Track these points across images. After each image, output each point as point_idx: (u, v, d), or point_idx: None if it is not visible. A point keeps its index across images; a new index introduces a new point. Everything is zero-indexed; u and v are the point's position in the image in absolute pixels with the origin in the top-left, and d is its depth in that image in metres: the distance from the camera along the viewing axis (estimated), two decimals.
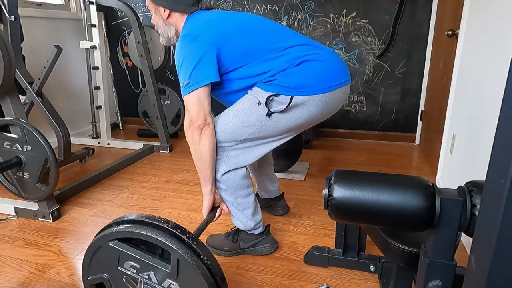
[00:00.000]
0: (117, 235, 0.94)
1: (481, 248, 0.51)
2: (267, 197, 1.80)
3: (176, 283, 0.92)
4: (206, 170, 1.29)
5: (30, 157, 1.69)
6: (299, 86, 1.22)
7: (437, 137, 2.28)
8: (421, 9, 2.73)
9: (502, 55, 1.32)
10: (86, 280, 1.03)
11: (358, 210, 0.84)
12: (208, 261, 0.90)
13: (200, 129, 1.23)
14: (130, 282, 0.97)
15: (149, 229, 0.90)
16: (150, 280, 0.94)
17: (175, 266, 0.89)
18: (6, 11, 1.99)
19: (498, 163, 0.46)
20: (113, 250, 0.95)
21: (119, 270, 0.97)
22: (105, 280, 1.01)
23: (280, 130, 1.29)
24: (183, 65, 1.22)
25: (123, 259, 0.95)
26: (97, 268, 1.01)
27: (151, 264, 0.92)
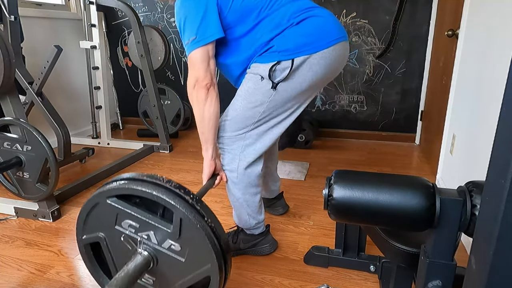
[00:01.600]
0: (116, 192, 0.88)
1: (481, 248, 0.51)
2: (268, 196, 1.80)
3: (178, 244, 0.86)
4: (209, 132, 1.25)
5: (30, 157, 1.69)
6: (298, 46, 1.18)
7: (437, 137, 2.28)
8: (421, 9, 2.73)
9: (502, 55, 1.32)
10: (80, 240, 0.97)
11: (358, 210, 0.84)
12: (213, 223, 0.84)
13: (207, 88, 1.18)
14: (128, 241, 0.91)
15: (151, 186, 0.84)
16: (149, 240, 0.88)
17: (177, 226, 0.83)
18: (6, 11, 1.99)
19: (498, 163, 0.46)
20: (111, 207, 0.89)
21: (117, 230, 0.91)
22: (101, 239, 0.95)
23: (288, 100, 1.26)
24: (187, 21, 1.16)
25: (121, 218, 0.90)
26: (93, 226, 0.94)
27: (152, 224, 0.86)
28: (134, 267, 0.86)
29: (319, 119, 3.20)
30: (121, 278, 0.83)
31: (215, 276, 0.86)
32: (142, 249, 0.90)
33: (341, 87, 3.08)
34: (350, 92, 3.07)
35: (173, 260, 0.88)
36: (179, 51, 3.37)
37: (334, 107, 3.15)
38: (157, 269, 0.92)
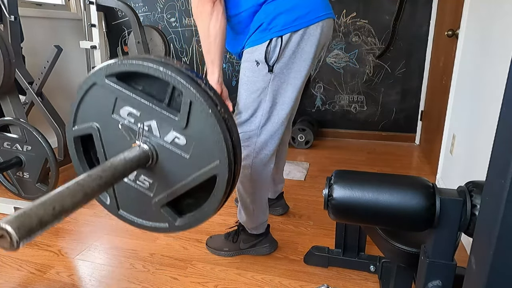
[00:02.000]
0: (116, 68, 0.75)
1: (481, 248, 0.51)
2: (270, 196, 1.80)
3: (183, 136, 0.74)
4: (215, 51, 1.18)
5: (30, 157, 1.70)
6: (286, 23, 1.17)
7: (437, 137, 2.28)
8: (421, 9, 2.73)
9: (502, 55, 1.32)
10: (71, 131, 0.84)
11: (358, 210, 0.84)
12: (226, 114, 0.73)
13: (213, 2, 1.13)
14: (127, 131, 0.78)
15: (160, 64, 0.72)
16: (150, 132, 0.76)
17: (186, 111, 0.72)
18: (6, 11, 1.99)
19: (498, 163, 0.46)
20: (109, 90, 0.77)
21: (114, 119, 0.79)
22: (94, 131, 0.82)
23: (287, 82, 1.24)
24: None
25: (120, 104, 0.77)
26: (86, 115, 0.82)
27: (155, 111, 0.74)
28: (131, 156, 0.73)
29: (319, 119, 3.20)
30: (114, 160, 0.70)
31: (223, 175, 0.75)
32: (141, 141, 0.77)
33: (341, 87, 3.08)
34: (350, 92, 3.07)
35: (176, 157, 0.76)
36: (179, 51, 3.37)
37: (334, 107, 3.15)
38: (155, 168, 0.79)
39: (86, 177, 0.62)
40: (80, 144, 0.86)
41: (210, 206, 0.79)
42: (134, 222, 0.88)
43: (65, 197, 0.57)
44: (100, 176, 0.64)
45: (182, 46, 3.34)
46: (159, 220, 0.85)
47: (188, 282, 1.36)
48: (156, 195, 0.82)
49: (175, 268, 1.44)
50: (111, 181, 0.67)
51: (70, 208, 0.57)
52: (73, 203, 0.58)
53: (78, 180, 0.61)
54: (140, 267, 1.46)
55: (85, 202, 0.61)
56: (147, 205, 0.84)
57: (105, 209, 0.93)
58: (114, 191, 0.88)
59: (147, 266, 1.46)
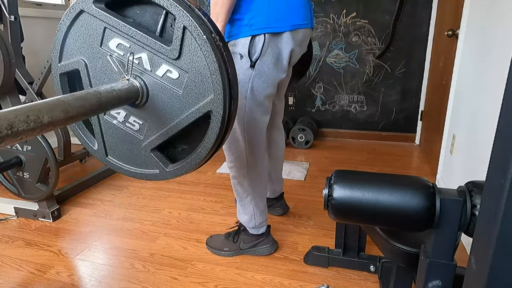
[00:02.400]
0: None
1: (481, 248, 0.51)
2: (269, 196, 1.80)
3: (175, 69, 0.69)
4: (221, 5, 1.12)
5: (30, 157, 1.69)
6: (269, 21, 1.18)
7: (437, 137, 2.28)
8: (421, 9, 2.73)
9: (502, 55, 1.32)
10: (57, 67, 0.79)
11: (358, 210, 0.84)
12: (221, 42, 0.68)
13: None
14: (116, 65, 0.73)
15: None
16: (141, 66, 0.71)
17: (178, 39, 0.66)
18: (6, 11, 1.99)
19: (498, 163, 0.46)
20: (98, 18, 0.71)
21: (102, 51, 0.73)
22: (81, 66, 0.76)
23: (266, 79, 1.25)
24: None
25: (109, 35, 0.72)
26: (72, 48, 0.76)
27: (147, 42, 0.69)
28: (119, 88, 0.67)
29: (319, 119, 3.20)
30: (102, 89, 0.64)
31: (217, 111, 0.69)
32: (130, 76, 0.72)
33: (341, 87, 3.08)
34: (350, 92, 3.07)
35: (168, 92, 0.71)
36: None
37: (334, 107, 3.15)
38: (146, 107, 0.74)
39: (69, 96, 0.58)
40: (67, 82, 0.80)
41: (204, 147, 0.74)
42: (123, 168, 0.84)
43: (42, 108, 0.53)
44: (82, 98, 0.59)
45: None
46: (149, 166, 0.81)
47: (188, 282, 1.36)
48: (146, 138, 0.78)
49: (175, 268, 1.44)
50: (96, 107, 0.61)
51: (46, 123, 0.53)
52: (50, 116, 0.54)
53: (59, 97, 0.57)
54: (140, 267, 1.46)
55: (63, 121, 0.56)
56: (137, 150, 0.80)
57: (92, 155, 0.86)
58: (102, 135, 0.82)
59: (147, 266, 1.46)
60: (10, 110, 0.49)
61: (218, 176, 2.36)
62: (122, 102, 0.68)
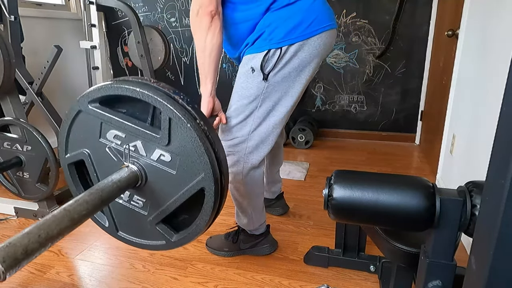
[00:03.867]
0: (97, 94, 0.78)
1: (481, 248, 0.51)
2: (268, 196, 1.80)
3: (167, 153, 0.77)
4: (209, 65, 1.19)
5: (30, 157, 1.69)
6: (287, 34, 1.16)
7: (437, 137, 2.28)
8: (421, 9, 2.73)
9: (502, 55, 1.32)
10: (64, 159, 0.89)
11: (358, 210, 0.84)
12: (205, 126, 0.76)
13: (211, 16, 1.13)
14: (115, 154, 0.82)
15: (137, 85, 0.75)
16: (137, 153, 0.80)
17: (166, 129, 0.75)
18: (6, 11, 1.99)
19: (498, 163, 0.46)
20: (94, 116, 0.80)
21: (101, 143, 0.83)
22: (85, 156, 0.86)
23: (281, 92, 1.24)
24: None
25: (106, 128, 0.81)
26: (76, 142, 0.86)
27: (139, 131, 0.77)
28: (119, 178, 0.76)
29: (319, 119, 3.20)
30: (103, 184, 0.73)
31: (210, 188, 0.77)
32: (129, 162, 0.80)
33: (341, 87, 3.08)
34: (350, 92, 3.07)
35: (164, 174, 0.79)
36: (179, 51, 3.37)
37: (334, 107, 3.15)
38: (146, 188, 0.83)
39: (73, 203, 0.65)
40: (75, 170, 0.90)
41: (202, 219, 0.81)
42: (133, 242, 0.92)
43: (51, 224, 0.59)
44: (86, 201, 0.67)
45: (182, 46, 3.34)
46: (156, 238, 0.88)
47: (188, 282, 1.36)
48: (150, 214, 0.85)
49: (175, 268, 1.44)
50: (99, 204, 0.69)
51: (56, 235, 0.59)
52: (59, 229, 0.60)
53: (65, 206, 0.63)
54: (140, 267, 1.46)
55: (73, 227, 0.63)
56: (144, 224, 0.87)
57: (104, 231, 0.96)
58: (112, 213, 0.91)
59: (147, 266, 1.46)
60: (23, 235, 0.54)
61: None
62: (124, 189, 0.77)
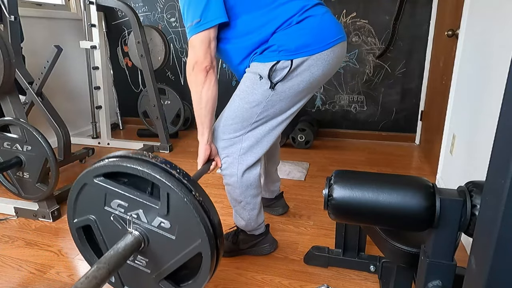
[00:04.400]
0: (102, 170, 0.87)
1: (481, 248, 0.51)
2: (268, 196, 1.80)
3: (167, 221, 0.85)
4: (205, 117, 1.24)
5: (30, 157, 1.69)
6: (298, 48, 1.18)
7: (437, 137, 2.28)
8: (421, 9, 2.73)
9: (502, 55, 1.32)
10: (72, 223, 0.97)
11: (358, 210, 0.84)
12: (201, 197, 0.84)
13: (206, 71, 1.18)
14: (119, 221, 0.91)
15: (137, 162, 0.84)
16: (139, 219, 0.88)
17: (165, 201, 0.83)
18: (6, 11, 1.99)
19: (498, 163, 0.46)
20: (99, 187, 0.89)
21: (106, 210, 0.91)
22: (92, 222, 0.95)
23: (286, 101, 1.26)
24: (192, 2, 1.16)
25: (110, 198, 0.89)
26: (83, 209, 0.95)
27: (140, 201, 0.86)
28: (124, 246, 0.85)
29: (319, 119, 3.20)
30: (110, 256, 0.82)
31: (206, 252, 0.84)
32: (132, 228, 0.89)
33: (341, 87, 3.08)
34: (350, 92, 3.07)
35: (164, 238, 0.87)
36: (179, 51, 3.37)
37: (334, 107, 3.15)
38: (149, 249, 0.91)
39: (84, 280, 0.74)
40: (83, 233, 0.98)
41: (201, 279, 0.89)
42: None
43: None
44: (95, 276, 0.76)
45: (182, 46, 3.34)
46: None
47: None
48: (153, 272, 0.93)
49: None
50: (107, 276, 0.78)
51: None
52: None
53: (76, 284, 0.73)
54: None
55: None
56: (148, 280, 0.95)
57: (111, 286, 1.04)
58: (118, 271, 0.98)
59: None
60: None
61: (219, 176, 2.35)
62: (128, 256, 0.85)
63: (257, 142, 1.30)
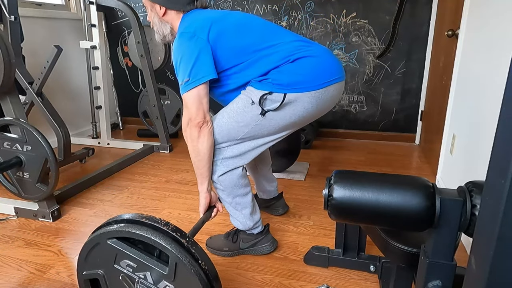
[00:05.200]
0: (116, 234, 0.94)
1: (481, 248, 0.51)
2: (266, 197, 1.80)
3: (172, 285, 0.92)
4: (203, 168, 1.30)
5: (30, 157, 1.69)
6: (292, 83, 1.22)
7: (437, 137, 2.28)
8: (421, 9, 2.73)
9: (502, 55, 1.32)
10: (81, 275, 1.03)
11: (358, 210, 0.84)
12: (206, 266, 0.91)
13: (199, 127, 1.23)
14: (126, 280, 0.97)
15: (149, 230, 0.91)
16: (146, 280, 0.95)
17: (172, 269, 0.90)
18: (6, 11, 1.99)
19: (498, 163, 0.46)
20: (110, 248, 0.95)
21: (115, 268, 0.97)
22: (100, 277, 1.01)
23: (275, 128, 1.29)
24: (181, 63, 1.22)
25: (120, 258, 0.96)
26: (92, 263, 1.01)
27: (148, 265, 0.93)
28: None
29: (319, 119, 3.19)
30: None
31: None
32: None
33: None
34: (350, 92, 3.07)
35: None
36: None
37: (334, 107, 3.15)
38: None
39: None
40: (90, 285, 1.05)
41: None
42: None
43: None
44: None
45: None
46: None
47: None
48: None
49: None
50: None
51: None
52: None
53: None
54: None
55: None
56: None
57: None
58: None
59: None
60: None
61: None
62: None
63: (240, 155, 1.34)
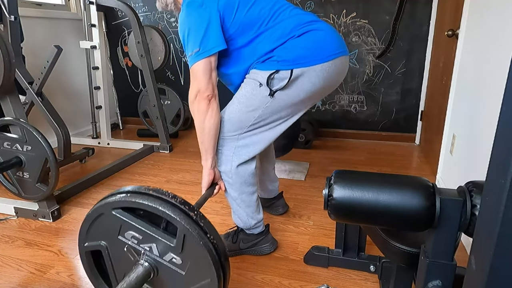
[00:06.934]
0: (121, 204, 0.90)
1: (481, 248, 0.51)
2: (266, 196, 1.80)
3: (179, 257, 0.89)
4: (209, 143, 1.27)
5: (30, 157, 1.69)
6: (298, 58, 1.20)
7: (437, 137, 2.28)
8: (421, 9, 2.73)
9: (502, 55, 1.32)
10: (82, 247, 0.99)
11: (358, 210, 0.84)
12: (215, 240, 0.89)
13: (209, 100, 1.20)
14: (131, 252, 0.94)
15: (157, 201, 0.87)
16: (151, 252, 0.91)
17: (180, 241, 0.87)
18: (6, 11, 1.99)
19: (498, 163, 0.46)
20: (115, 218, 0.91)
21: (119, 240, 0.94)
22: (103, 248, 0.97)
23: (285, 108, 1.28)
24: (190, 33, 1.18)
25: (124, 229, 0.92)
26: (95, 235, 0.97)
27: (155, 236, 0.89)
28: (136, 278, 0.89)
29: (319, 119, 3.20)
30: None
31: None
32: (143, 260, 0.92)
33: (341, 87, 3.08)
34: (350, 92, 3.07)
35: (174, 272, 0.90)
36: (179, 51, 3.37)
37: (334, 107, 3.15)
38: (157, 280, 0.94)
39: None
40: (91, 258, 1.01)
41: None
42: None
43: None
44: None
45: (182, 46, 3.33)
46: None
47: None
48: None
49: None
50: None
51: None
52: None
53: None
54: None
55: None
56: None
57: None
58: None
59: None
60: None
61: None
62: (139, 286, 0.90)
63: (252, 143, 1.33)
